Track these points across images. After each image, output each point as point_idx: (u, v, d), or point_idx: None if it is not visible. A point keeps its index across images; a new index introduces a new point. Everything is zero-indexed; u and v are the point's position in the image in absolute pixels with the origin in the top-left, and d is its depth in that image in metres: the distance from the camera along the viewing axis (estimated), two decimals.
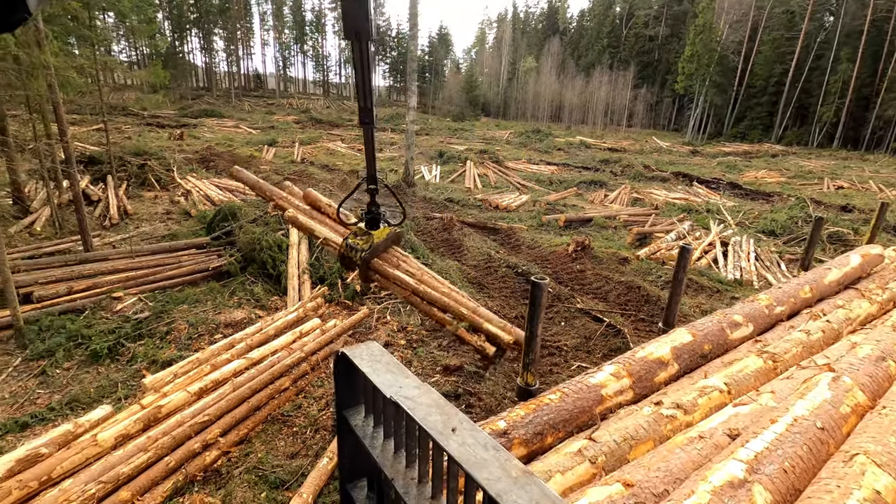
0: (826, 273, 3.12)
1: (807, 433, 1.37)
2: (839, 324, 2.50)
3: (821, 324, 2.45)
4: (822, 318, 2.55)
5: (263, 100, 61.35)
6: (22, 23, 0.58)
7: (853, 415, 1.53)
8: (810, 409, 1.48)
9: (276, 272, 7.74)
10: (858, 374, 1.71)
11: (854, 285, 3.17)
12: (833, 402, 1.53)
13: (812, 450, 1.32)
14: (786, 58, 58.08)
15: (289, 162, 21.34)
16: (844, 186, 23.88)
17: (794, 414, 1.46)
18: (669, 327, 3.32)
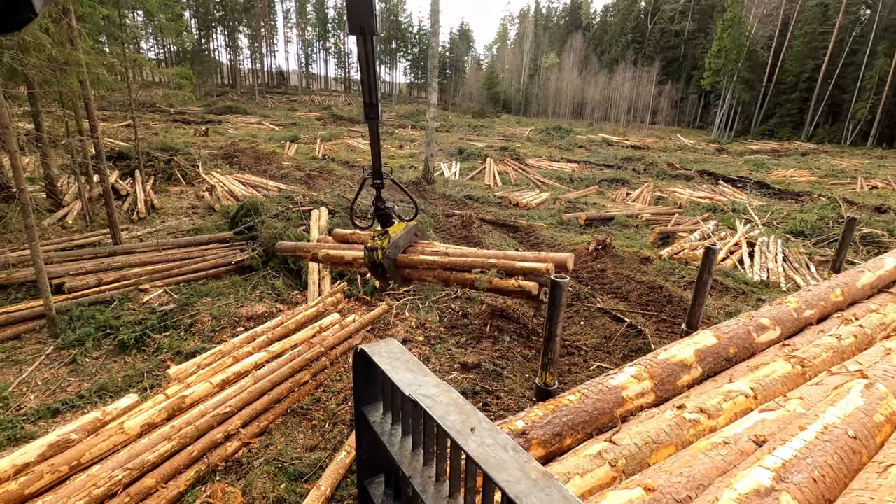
0: (859, 276, 3.01)
1: (838, 441, 1.32)
2: (872, 329, 2.41)
3: (853, 328, 2.37)
4: (855, 323, 2.46)
5: (286, 96, 62.14)
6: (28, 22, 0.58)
7: (887, 424, 1.47)
8: (841, 416, 1.43)
9: (297, 267, 7.84)
10: (893, 381, 1.65)
11: (889, 289, 3.05)
12: (866, 411, 1.48)
13: (843, 459, 1.28)
14: (818, 53, 56.16)
15: (310, 158, 21.57)
16: (879, 186, 23.02)
17: (824, 421, 1.41)
18: (693, 329, 3.25)
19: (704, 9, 70.18)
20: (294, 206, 9.30)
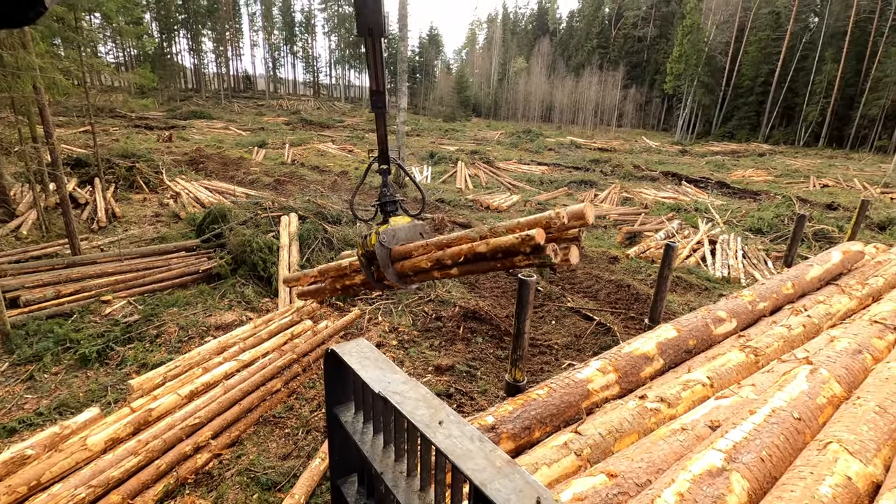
0: (808, 270, 3.19)
1: (784, 423, 1.42)
2: (819, 319, 2.56)
3: (802, 319, 2.51)
4: (804, 314, 2.61)
5: (253, 101, 61.03)
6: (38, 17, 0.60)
7: (829, 405, 1.58)
8: (788, 400, 1.53)
9: (267, 274, 7.72)
10: (835, 366, 1.77)
11: (835, 281, 3.24)
12: (810, 394, 1.58)
13: (789, 439, 1.37)
14: (772, 58, 58.83)
15: (279, 163, 21.25)
16: (830, 185, 24.26)
17: (772, 405, 1.50)
18: (655, 323, 3.37)
19: (665, 15, 72.56)
20: (263, 212, 9.16)
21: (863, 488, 1.16)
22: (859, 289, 2.98)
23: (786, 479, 1.19)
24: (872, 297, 2.94)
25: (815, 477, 1.15)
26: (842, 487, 1.13)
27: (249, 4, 72.72)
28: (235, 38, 71.63)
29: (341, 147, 28.26)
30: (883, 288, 3.03)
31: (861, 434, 1.31)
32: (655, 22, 73.16)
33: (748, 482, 1.20)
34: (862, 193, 22.03)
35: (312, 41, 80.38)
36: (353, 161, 23.76)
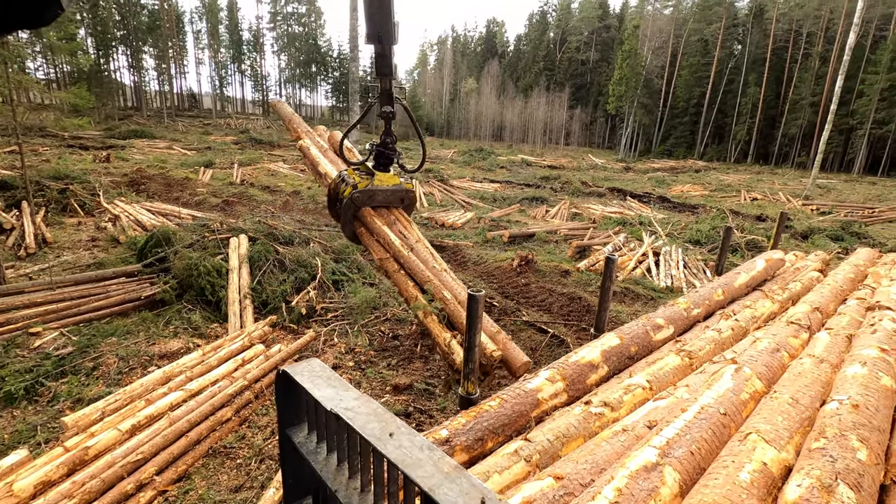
0: (736, 277, 3.45)
1: (711, 419, 1.54)
2: (746, 322, 2.78)
3: (731, 323, 2.72)
4: (732, 318, 2.82)
5: (199, 120, 59.15)
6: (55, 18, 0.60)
7: (751, 400, 1.73)
8: (715, 397, 1.66)
9: (216, 298, 7.44)
10: (757, 364, 1.93)
11: (760, 287, 3.53)
12: (735, 391, 1.73)
13: (716, 433, 1.49)
14: (703, 81, 63.28)
15: (227, 184, 20.63)
16: (759, 198, 26.17)
17: (701, 403, 1.63)
18: (600, 332, 3.52)
19: (606, 41, 76.74)
20: (211, 234, 8.85)
21: (776, 472, 1.29)
22: (780, 293, 3.26)
23: (712, 469, 1.30)
24: (792, 300, 3.22)
25: (736, 465, 1.27)
26: (758, 472, 1.25)
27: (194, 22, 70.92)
28: (179, 56, 69.54)
29: (293, 167, 27.80)
30: (801, 292, 3.33)
31: (776, 424, 1.45)
32: (597, 46, 77.19)
33: (679, 474, 1.30)
34: (787, 206, 23.91)
35: (261, 60, 79.21)
36: (305, 180, 23.41)
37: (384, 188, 3.90)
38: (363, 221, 3.91)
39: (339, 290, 8.21)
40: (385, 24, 3.38)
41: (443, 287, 3.79)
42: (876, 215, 21.60)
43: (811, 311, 2.62)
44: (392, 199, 4.01)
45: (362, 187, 3.83)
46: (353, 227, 4.01)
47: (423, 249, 4.03)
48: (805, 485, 1.17)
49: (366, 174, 4.05)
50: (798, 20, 59.35)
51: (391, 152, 4.00)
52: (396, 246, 3.85)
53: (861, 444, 1.31)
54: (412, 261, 3.75)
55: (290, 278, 7.90)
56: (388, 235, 3.86)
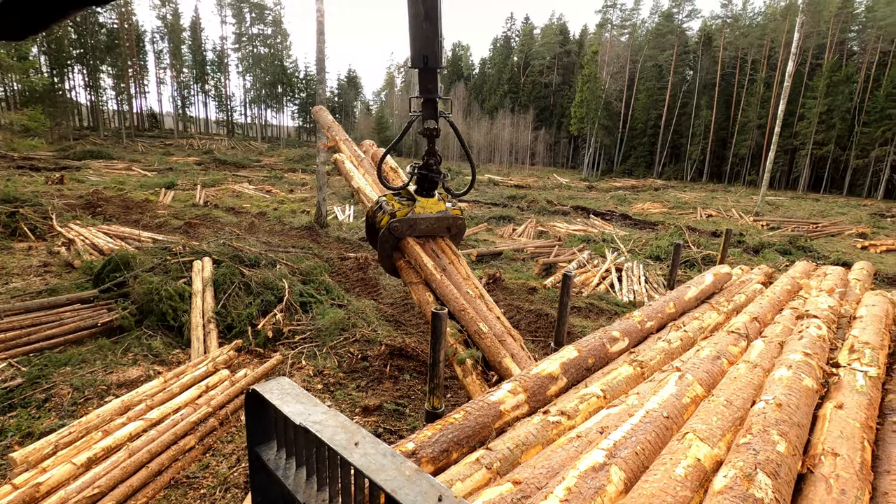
0: (687, 291, 3.68)
1: (655, 422, 1.68)
2: (694, 333, 2.97)
3: (680, 334, 2.91)
4: (682, 329, 3.01)
5: (160, 140, 57.70)
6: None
7: (692, 404, 1.88)
8: (660, 402, 1.81)
9: (178, 323, 7.26)
10: (699, 371, 2.10)
11: (709, 300, 3.76)
12: (677, 395, 1.87)
13: (658, 434, 1.62)
14: (659, 104, 66.37)
15: (190, 205, 20.17)
16: (713, 215, 27.46)
17: (647, 408, 1.77)
18: (559, 346, 3.66)
19: (567, 65, 79.72)
20: (173, 257, 8.65)
21: (709, 466, 1.42)
22: (726, 305, 3.50)
23: (653, 467, 1.43)
24: (736, 310, 3.46)
25: (674, 461, 1.40)
26: (692, 467, 1.38)
27: (156, 42, 69.68)
28: (140, 76, 68.03)
29: (258, 187, 27.44)
30: (744, 303, 3.58)
31: (711, 424, 1.60)
32: (559, 70, 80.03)
33: (624, 473, 1.42)
34: (739, 222, 25.17)
35: (226, 80, 78.34)
36: (271, 201, 23.13)
37: (427, 216, 3.52)
38: (405, 252, 3.51)
39: (306, 312, 8.14)
40: (432, 46, 3.27)
41: (479, 320, 3.48)
42: (819, 230, 23.00)
43: (750, 320, 2.84)
44: (437, 229, 3.59)
45: (401, 215, 3.49)
46: (391, 260, 3.59)
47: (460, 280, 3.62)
48: (730, 475, 1.31)
49: (407, 200, 3.69)
50: (743, 48, 63.39)
51: (435, 175, 3.64)
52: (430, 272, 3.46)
53: (781, 437, 1.47)
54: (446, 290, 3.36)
55: (257, 301, 7.79)
56: (426, 265, 3.46)
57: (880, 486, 1.59)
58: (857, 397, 1.94)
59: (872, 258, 17.58)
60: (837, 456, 1.57)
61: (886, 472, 1.67)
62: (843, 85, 51.14)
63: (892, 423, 1.98)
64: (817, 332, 2.42)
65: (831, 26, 57.27)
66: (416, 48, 3.25)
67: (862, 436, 1.72)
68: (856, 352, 2.26)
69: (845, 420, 1.80)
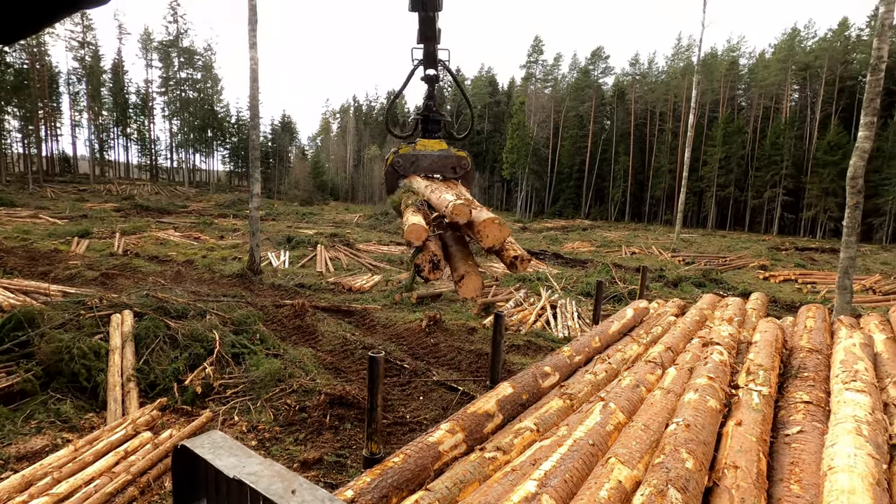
0: (610, 325, 3.95)
1: (582, 450, 1.80)
2: (617, 364, 3.20)
3: (605, 366, 3.11)
4: (607, 362, 3.23)
5: (73, 186, 53.70)
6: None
7: (615, 430, 2.03)
8: (586, 431, 1.94)
9: (93, 384, 6.63)
10: (620, 399, 2.28)
11: (630, 333, 4.06)
12: (602, 424, 2.02)
13: (585, 462, 1.75)
14: (582, 151, 71.40)
15: (107, 255, 18.76)
16: (637, 252, 29.43)
17: (574, 437, 1.89)
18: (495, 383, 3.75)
19: (497, 114, 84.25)
20: (87, 311, 7.97)
21: (629, 486, 1.56)
22: (645, 336, 3.80)
23: (580, 492, 1.54)
24: (654, 342, 3.76)
25: (598, 485, 1.52)
26: (615, 489, 1.51)
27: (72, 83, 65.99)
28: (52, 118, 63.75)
29: (186, 234, 26.10)
30: (660, 334, 3.90)
31: (631, 447, 1.75)
32: (490, 118, 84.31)
33: (555, 500, 1.52)
34: (659, 258, 27.14)
35: (150, 123, 75.16)
36: (199, 249, 22.04)
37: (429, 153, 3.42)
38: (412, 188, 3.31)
39: (239, 363, 7.74)
40: None
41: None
42: (728, 263, 25.29)
43: (665, 350, 3.12)
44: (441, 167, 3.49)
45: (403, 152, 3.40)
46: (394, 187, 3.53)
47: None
48: (646, 493, 1.44)
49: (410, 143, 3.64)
50: (651, 102, 70.34)
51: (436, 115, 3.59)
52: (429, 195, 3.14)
53: (689, 455, 1.64)
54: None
55: (184, 355, 7.32)
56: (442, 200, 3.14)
57: (775, 493, 1.79)
58: (754, 414, 2.18)
59: (772, 287, 19.53)
60: (738, 468, 1.76)
61: (780, 480, 1.89)
62: (736, 135, 57.88)
63: (784, 435, 2.24)
64: (720, 357, 2.70)
65: (722, 84, 65.21)
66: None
67: (758, 449, 1.94)
68: (752, 373, 2.55)
69: (744, 435, 2.02)
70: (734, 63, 67.48)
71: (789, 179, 54.70)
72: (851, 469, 1.81)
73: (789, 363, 2.97)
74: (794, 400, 2.48)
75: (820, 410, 2.42)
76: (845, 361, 2.61)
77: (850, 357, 2.66)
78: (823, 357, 2.88)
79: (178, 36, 71.30)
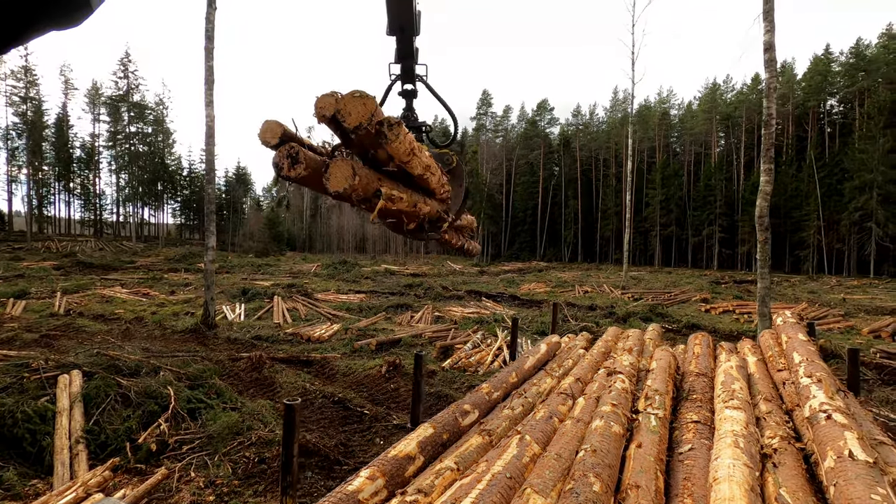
0: (526, 360, 4.38)
1: (500, 484, 2.09)
2: (533, 398, 3.52)
3: (521, 400, 3.39)
4: (523, 396, 3.52)
5: (7, 244, 50.62)
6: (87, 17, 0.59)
7: (531, 462, 2.36)
8: (503, 465, 2.24)
9: (37, 448, 6.40)
10: (535, 431, 2.61)
11: (544, 367, 4.47)
12: (518, 457, 2.31)
13: (503, 495, 2.05)
14: (534, 196, 74.47)
15: (47, 316, 17.83)
16: (589, 290, 30.65)
17: (492, 472, 2.19)
18: (416, 424, 3.76)
19: None
20: (32, 373, 7.71)
21: None
22: (558, 370, 4.24)
23: None
24: (565, 374, 4.20)
25: None
26: None
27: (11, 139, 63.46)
28: None
29: (134, 290, 25.12)
30: (571, 366, 4.36)
31: (545, 477, 2.13)
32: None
33: None
34: (610, 295, 28.37)
35: (95, 178, 72.74)
36: (148, 305, 21.28)
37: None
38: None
39: (195, 419, 7.64)
40: (408, 14, 3.28)
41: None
42: (672, 298, 26.77)
43: (575, 381, 3.56)
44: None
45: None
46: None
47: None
48: None
49: None
50: (595, 149, 75.07)
51: (415, 122, 3.62)
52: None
53: (596, 478, 2.03)
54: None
55: (137, 413, 7.19)
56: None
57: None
58: (651, 436, 2.59)
59: (713, 318, 20.84)
60: (639, 488, 2.13)
61: (675, 496, 2.26)
62: (673, 178, 62.39)
63: (678, 454, 2.64)
64: (622, 385, 3.17)
65: (657, 132, 70.71)
66: (393, 16, 3.29)
67: (656, 468, 2.33)
68: (649, 398, 3.01)
69: (644, 457, 2.39)
70: (665, 113, 73.56)
71: (723, 218, 58.97)
72: (731, 478, 2.12)
73: (681, 386, 3.48)
74: (686, 420, 2.91)
75: (707, 428, 2.79)
76: (725, 382, 3.12)
77: (728, 378, 3.18)
78: (708, 379, 3.41)
79: (129, 91, 70.68)
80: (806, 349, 3.54)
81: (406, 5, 3.26)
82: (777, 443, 2.52)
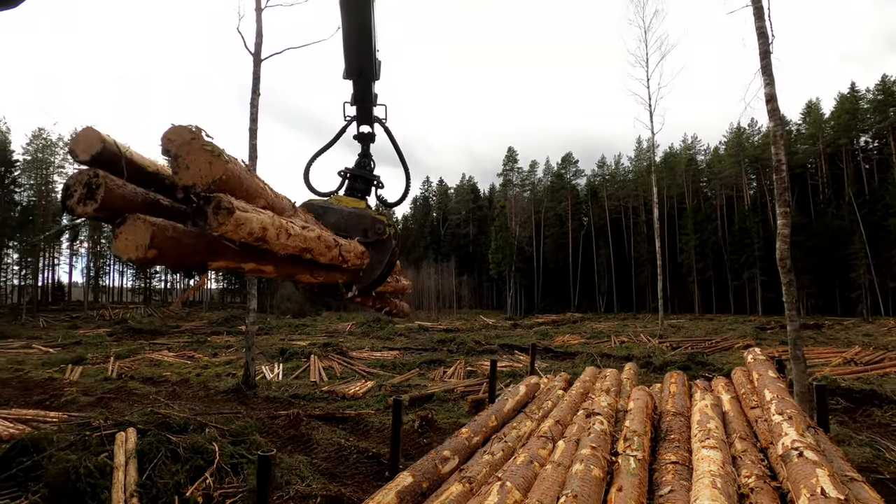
0: (505, 403, 4.54)
1: None
2: (513, 441, 3.54)
3: (501, 445, 3.43)
4: (503, 440, 3.55)
5: (66, 313, 53.95)
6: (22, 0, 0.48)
7: None
8: None
9: (97, 502, 6.89)
10: (516, 477, 2.69)
11: (524, 409, 4.57)
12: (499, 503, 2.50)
13: None
14: (564, 247, 74.38)
15: (102, 380, 18.88)
16: (626, 340, 29.92)
17: None
18: (395, 473, 3.58)
19: (480, 217, 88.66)
20: (93, 431, 8.34)
21: None
22: (537, 412, 4.36)
23: None
24: (545, 416, 4.27)
25: None
26: None
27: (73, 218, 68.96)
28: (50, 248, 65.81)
29: (179, 354, 26.26)
30: (550, 408, 4.47)
31: None
32: (474, 222, 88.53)
33: None
34: (647, 345, 27.61)
35: None
36: (193, 367, 22.19)
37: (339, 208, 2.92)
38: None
39: (238, 473, 8.02)
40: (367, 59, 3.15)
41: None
42: (714, 346, 25.82)
43: (554, 423, 3.69)
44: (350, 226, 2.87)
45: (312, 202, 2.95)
46: None
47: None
48: None
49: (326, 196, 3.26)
50: (623, 198, 75.17)
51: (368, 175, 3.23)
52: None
53: None
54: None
55: (185, 468, 7.64)
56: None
57: None
58: (631, 479, 2.65)
59: None
60: None
61: None
62: (706, 223, 61.41)
63: (659, 496, 2.73)
64: (601, 427, 3.35)
65: (685, 178, 70.47)
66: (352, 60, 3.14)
67: None
68: (628, 440, 3.13)
69: (625, 500, 2.46)
70: (692, 160, 73.57)
71: (763, 261, 57.03)
72: None
73: (659, 426, 3.64)
74: (665, 461, 2.94)
75: (685, 469, 2.86)
76: (700, 422, 3.25)
77: (703, 417, 3.32)
78: (685, 419, 3.55)
79: None
80: (776, 386, 3.62)
81: (366, 49, 3.10)
82: (753, 482, 2.63)
